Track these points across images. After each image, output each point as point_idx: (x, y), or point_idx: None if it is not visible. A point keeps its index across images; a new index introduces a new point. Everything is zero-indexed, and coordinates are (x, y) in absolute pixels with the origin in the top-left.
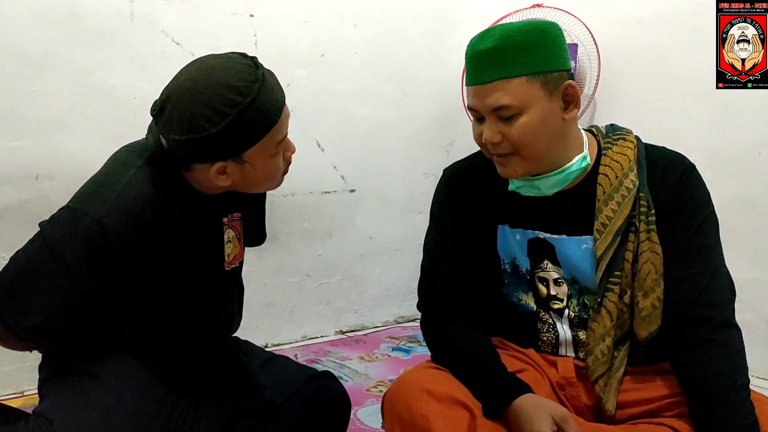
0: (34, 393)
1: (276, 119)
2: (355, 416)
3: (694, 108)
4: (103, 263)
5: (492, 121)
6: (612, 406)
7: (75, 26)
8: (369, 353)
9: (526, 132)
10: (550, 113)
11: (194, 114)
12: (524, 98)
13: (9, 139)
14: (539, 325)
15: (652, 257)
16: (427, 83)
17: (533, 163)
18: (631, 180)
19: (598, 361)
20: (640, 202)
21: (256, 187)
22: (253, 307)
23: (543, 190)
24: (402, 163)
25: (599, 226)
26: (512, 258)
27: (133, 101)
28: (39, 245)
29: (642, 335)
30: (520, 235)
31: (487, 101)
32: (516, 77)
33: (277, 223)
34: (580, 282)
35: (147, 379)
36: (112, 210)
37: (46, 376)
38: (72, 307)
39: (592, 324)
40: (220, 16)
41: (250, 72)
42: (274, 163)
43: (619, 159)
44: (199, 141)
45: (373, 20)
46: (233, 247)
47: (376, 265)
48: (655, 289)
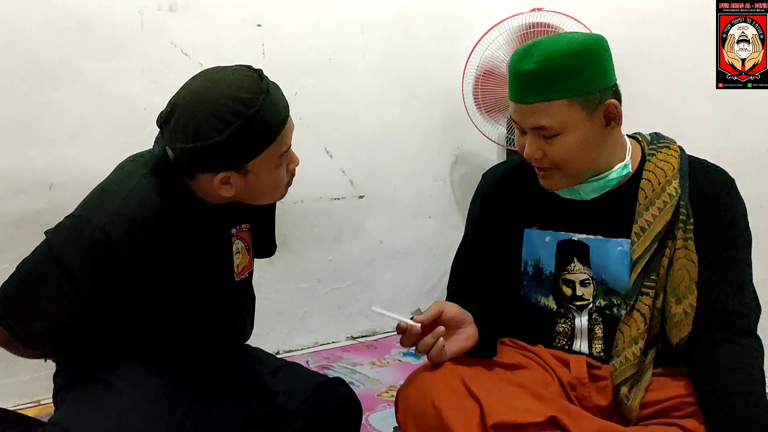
0: (49, 402)
1: (279, 131)
2: (367, 421)
3: (697, 108)
4: (106, 271)
5: (533, 138)
6: (636, 407)
7: (87, 38)
8: (380, 358)
9: (567, 151)
10: (591, 132)
11: (199, 123)
12: (564, 120)
13: (24, 150)
14: (558, 319)
15: (687, 264)
16: (434, 87)
17: (574, 178)
18: (674, 187)
19: (626, 363)
20: (681, 210)
21: (260, 198)
22: (264, 313)
23: (583, 195)
24: (411, 168)
25: (638, 230)
26: (536, 260)
27: (144, 111)
28: (44, 253)
29: (674, 341)
30: (550, 237)
31: (528, 120)
32: (556, 100)
33: (287, 229)
34: (609, 284)
35: (160, 387)
36: (114, 218)
37: (61, 385)
38: (76, 314)
39: (622, 327)
40: (227, 26)
41: (255, 84)
42: (277, 175)
43: (663, 166)
44: (204, 149)
45: (380, 25)
46: (242, 258)
47: (386, 269)
48: (688, 295)
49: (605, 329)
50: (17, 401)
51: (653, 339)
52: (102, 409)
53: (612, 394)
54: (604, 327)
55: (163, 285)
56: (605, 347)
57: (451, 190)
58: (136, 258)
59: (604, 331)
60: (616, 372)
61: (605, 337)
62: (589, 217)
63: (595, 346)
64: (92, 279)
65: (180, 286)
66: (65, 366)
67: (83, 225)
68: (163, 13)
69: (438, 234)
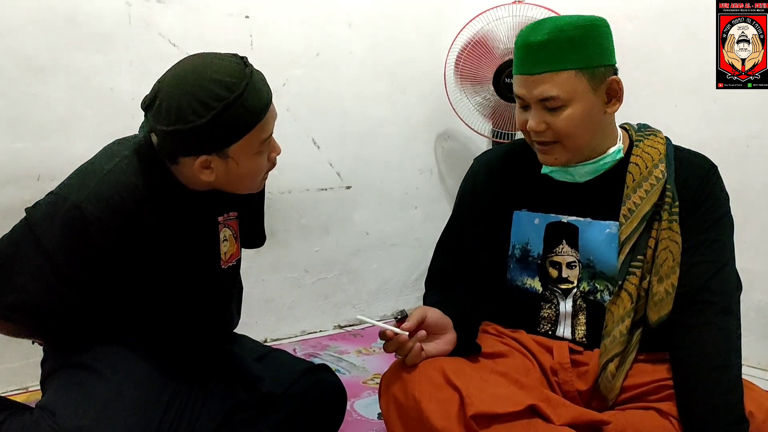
0: (37, 389)
1: (261, 117)
2: (352, 408)
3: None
4: (81, 248)
5: (538, 110)
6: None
7: (75, 31)
8: (366, 347)
9: (571, 123)
10: (594, 106)
11: (181, 106)
12: (571, 91)
13: (12, 141)
14: (542, 303)
15: (671, 245)
16: (421, 80)
17: (574, 153)
18: (661, 170)
19: (615, 341)
20: (666, 193)
21: (240, 185)
22: (252, 302)
23: (576, 177)
24: (397, 160)
25: (626, 212)
26: (524, 243)
27: (132, 102)
28: (21, 227)
29: (653, 319)
30: (539, 219)
31: (535, 91)
32: (565, 71)
33: (275, 220)
34: (596, 266)
35: (146, 373)
36: (92, 196)
37: (48, 371)
38: (52, 289)
39: (611, 306)
40: (215, 18)
41: (239, 70)
42: (257, 161)
43: (650, 152)
44: (185, 132)
45: (367, 19)
46: (230, 246)
47: (373, 260)
48: (670, 275)
49: (589, 315)
50: (5, 388)
51: (639, 320)
52: (88, 394)
53: (593, 379)
54: (588, 312)
55: (149, 270)
56: (588, 333)
57: (437, 182)
58: (113, 239)
59: (587, 317)
60: (606, 350)
61: (588, 322)
62: (579, 200)
63: (578, 331)
64: (66, 256)
65: (166, 272)
66: (52, 352)
67: (60, 202)
68: (151, 5)
69: (424, 224)
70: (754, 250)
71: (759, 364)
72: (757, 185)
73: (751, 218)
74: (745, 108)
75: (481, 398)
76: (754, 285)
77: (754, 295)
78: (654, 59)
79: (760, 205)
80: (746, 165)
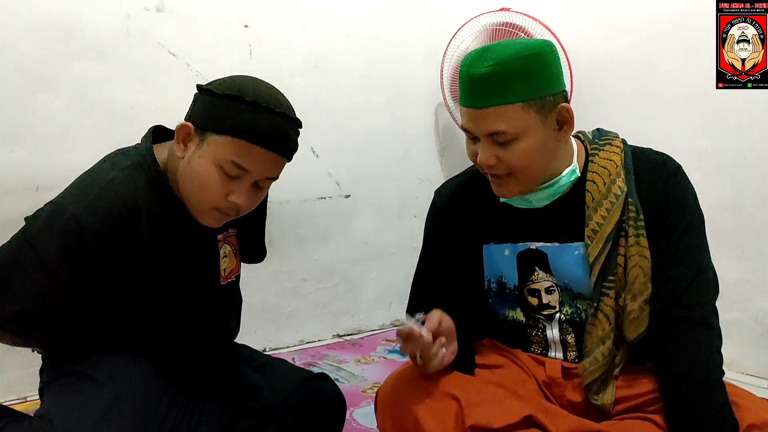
0: (36, 399)
1: (257, 140)
2: (351, 417)
3: (683, 111)
4: (78, 260)
5: (487, 144)
6: (609, 402)
7: (73, 42)
8: (365, 356)
9: (523, 157)
10: (545, 137)
11: (226, 82)
12: (520, 125)
13: (10, 152)
14: (529, 330)
15: (640, 261)
16: (419, 90)
17: (528, 184)
18: (619, 186)
19: (596, 363)
20: (629, 207)
21: (189, 193)
22: (251, 312)
23: (534, 203)
24: (396, 169)
25: (590, 233)
26: (499, 276)
27: (131, 112)
28: (20, 237)
29: (630, 337)
30: (509, 250)
31: (482, 126)
32: (511, 104)
33: (274, 230)
34: (573, 288)
35: (144, 382)
36: (89, 208)
37: (47, 380)
38: (49, 301)
39: (589, 328)
40: (214, 28)
41: (277, 103)
42: (211, 172)
43: (606, 165)
44: (204, 94)
45: (365, 30)
46: (229, 262)
47: (371, 269)
48: (643, 292)
49: (577, 336)
50: (4, 398)
51: (621, 336)
52: (86, 403)
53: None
54: (576, 334)
55: (147, 284)
56: (579, 353)
57: None
58: (110, 251)
59: (576, 339)
60: (586, 372)
61: (578, 344)
62: (544, 225)
63: (569, 354)
64: (65, 268)
65: (164, 287)
66: (51, 361)
67: (59, 213)
68: (150, 15)
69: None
70: (753, 259)
71: (758, 373)
72: (755, 196)
73: (749, 228)
74: (745, 117)
75: (479, 410)
76: (753, 294)
77: (752, 304)
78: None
79: (758, 216)
80: (745, 176)
